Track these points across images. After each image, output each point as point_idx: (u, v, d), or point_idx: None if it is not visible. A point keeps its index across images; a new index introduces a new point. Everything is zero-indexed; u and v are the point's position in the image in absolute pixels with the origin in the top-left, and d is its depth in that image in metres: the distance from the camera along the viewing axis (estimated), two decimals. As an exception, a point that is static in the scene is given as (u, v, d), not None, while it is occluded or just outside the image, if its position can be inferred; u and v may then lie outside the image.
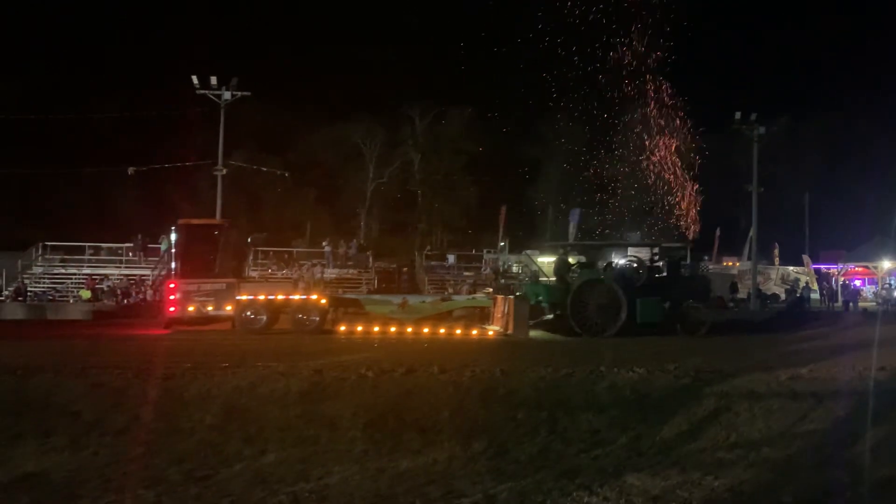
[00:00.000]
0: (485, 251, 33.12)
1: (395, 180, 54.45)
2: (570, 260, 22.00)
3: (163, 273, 25.17)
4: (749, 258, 36.32)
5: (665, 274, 20.73)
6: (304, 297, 19.42)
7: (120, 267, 35.24)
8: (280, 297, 19.23)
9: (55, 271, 34.61)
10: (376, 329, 19.26)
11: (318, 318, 19.17)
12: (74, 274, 34.29)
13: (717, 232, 38.59)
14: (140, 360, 12.48)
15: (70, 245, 35.76)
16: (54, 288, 33.62)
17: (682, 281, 20.93)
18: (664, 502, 6.72)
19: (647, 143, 31.30)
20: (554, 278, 21.24)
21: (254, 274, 33.60)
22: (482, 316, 20.34)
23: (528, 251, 32.76)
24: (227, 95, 31.56)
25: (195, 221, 21.43)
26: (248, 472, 7.65)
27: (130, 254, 35.77)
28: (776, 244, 39.88)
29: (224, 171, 32.24)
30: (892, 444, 8.81)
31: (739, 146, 38.57)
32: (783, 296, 33.11)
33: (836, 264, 38.66)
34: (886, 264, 36.85)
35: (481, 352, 15.19)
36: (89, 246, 36.13)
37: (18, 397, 9.97)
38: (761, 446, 8.69)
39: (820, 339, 17.78)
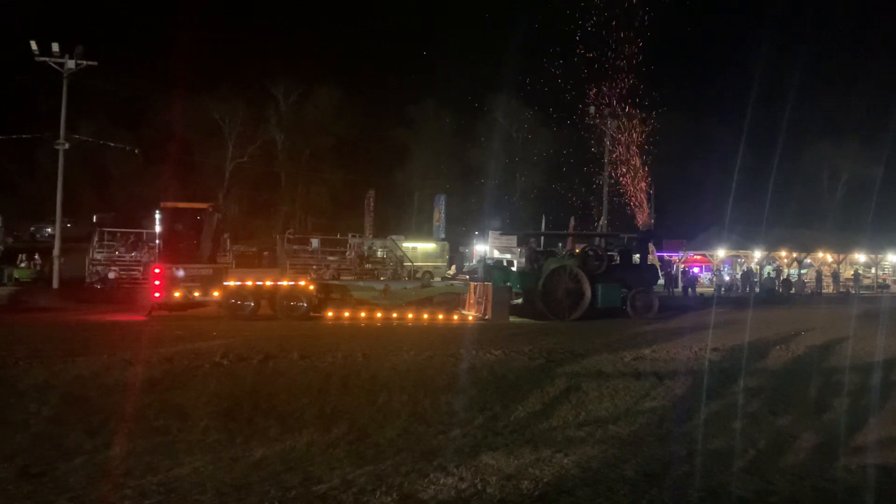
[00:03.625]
0: (350, 235, 32.80)
1: (257, 160, 52.68)
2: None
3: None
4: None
5: (618, 262, 22.10)
6: (292, 283, 19.47)
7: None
8: (268, 283, 19.23)
9: None
10: (362, 315, 19.51)
11: (305, 304, 19.26)
12: None
13: (572, 221, 40.36)
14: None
15: None
16: None
17: (634, 268, 22.53)
18: (517, 480, 6.96)
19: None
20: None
21: (99, 256, 31.59)
22: (459, 302, 20.88)
23: (394, 236, 32.88)
24: (70, 64, 29.24)
25: (180, 205, 20.48)
26: (91, 465, 7.20)
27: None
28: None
29: (66, 146, 29.88)
30: (722, 418, 9.61)
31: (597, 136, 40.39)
32: None
33: (678, 252, 41.41)
34: (721, 252, 39.89)
35: (461, 335, 15.07)
36: None
37: None
38: (608, 423, 9.21)
39: (661, 322, 19.02)
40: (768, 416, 9.81)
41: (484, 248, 40.13)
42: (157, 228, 20.37)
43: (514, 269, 24.93)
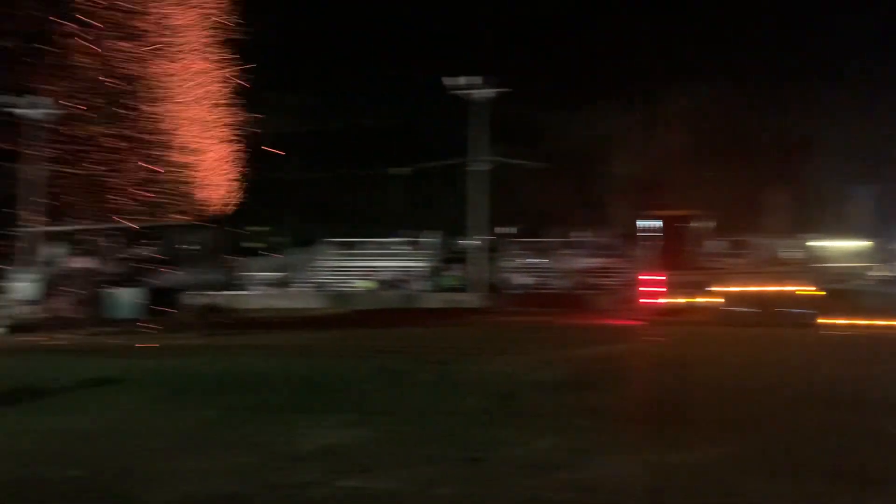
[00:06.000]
0: (756, 235, 30.78)
1: (650, 163, 52.45)
2: None
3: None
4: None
5: None
6: (798, 289, 18.17)
7: (393, 260, 38.50)
8: (769, 288, 18.18)
9: (338, 264, 38.67)
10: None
11: (810, 312, 17.74)
12: (354, 267, 38.08)
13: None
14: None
15: (349, 241, 39.93)
16: (337, 279, 37.57)
17: None
18: None
19: None
20: None
21: (509, 265, 34.84)
22: None
23: (806, 234, 29.75)
24: (482, 93, 32.81)
25: (673, 213, 21.06)
26: (521, 456, 7.86)
27: (401, 248, 38.97)
28: None
29: (484, 167, 33.63)
30: None
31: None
32: None
33: None
34: None
35: None
36: (366, 241, 40.02)
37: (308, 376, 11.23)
38: None
39: None
40: None
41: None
42: (645, 235, 19.95)
43: None
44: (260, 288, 31.69)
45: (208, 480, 6.84)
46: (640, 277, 18.86)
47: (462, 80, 32.99)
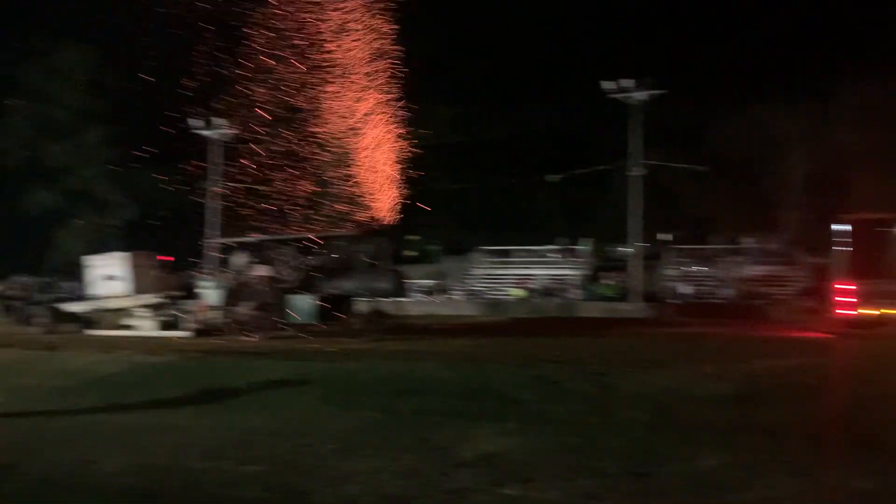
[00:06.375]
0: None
1: (822, 164, 48.73)
2: None
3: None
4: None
5: None
6: None
7: (546, 268, 38.25)
8: None
9: (492, 272, 39.04)
10: None
11: None
12: (507, 275, 38.27)
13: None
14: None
15: (503, 248, 40.18)
16: (491, 286, 37.95)
17: None
18: None
19: None
20: None
21: (670, 273, 33.59)
22: None
23: None
24: (640, 96, 31.99)
25: (865, 217, 19.10)
26: (685, 473, 7.58)
27: (555, 256, 38.62)
28: None
29: (640, 171, 32.75)
30: None
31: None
32: None
33: None
34: None
35: None
36: (519, 249, 40.09)
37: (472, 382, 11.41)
38: None
39: None
40: None
41: None
42: (837, 243, 18.56)
43: None
44: (419, 295, 32.66)
45: (374, 481, 7.14)
46: (833, 286, 17.42)
47: (620, 83, 32.36)
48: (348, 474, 7.38)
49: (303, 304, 18.08)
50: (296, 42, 17.51)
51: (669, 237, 42.84)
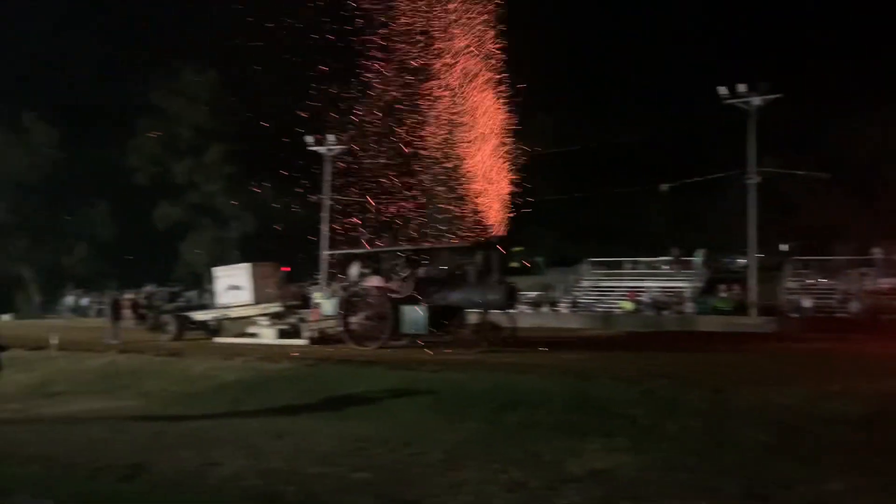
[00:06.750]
0: None
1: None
2: None
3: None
4: None
5: None
6: None
7: (657, 280, 37.19)
8: None
9: (600, 284, 38.30)
10: None
11: None
12: (616, 287, 37.45)
13: None
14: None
15: (612, 260, 39.39)
16: (599, 299, 37.23)
17: None
18: None
19: None
20: None
21: (792, 285, 31.84)
22: None
23: None
24: (756, 101, 30.70)
25: None
26: (810, 496, 7.20)
27: (667, 267, 37.48)
28: None
29: (757, 179, 31.41)
30: None
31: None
32: None
33: None
34: None
35: None
36: (629, 261, 39.20)
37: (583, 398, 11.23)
38: None
39: None
40: None
41: None
42: None
43: None
44: (526, 307, 32.48)
45: (481, 494, 7.17)
46: None
47: (736, 89, 31.14)
48: (456, 485, 7.44)
49: (415, 315, 18.33)
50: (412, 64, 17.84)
51: (787, 248, 40.67)
